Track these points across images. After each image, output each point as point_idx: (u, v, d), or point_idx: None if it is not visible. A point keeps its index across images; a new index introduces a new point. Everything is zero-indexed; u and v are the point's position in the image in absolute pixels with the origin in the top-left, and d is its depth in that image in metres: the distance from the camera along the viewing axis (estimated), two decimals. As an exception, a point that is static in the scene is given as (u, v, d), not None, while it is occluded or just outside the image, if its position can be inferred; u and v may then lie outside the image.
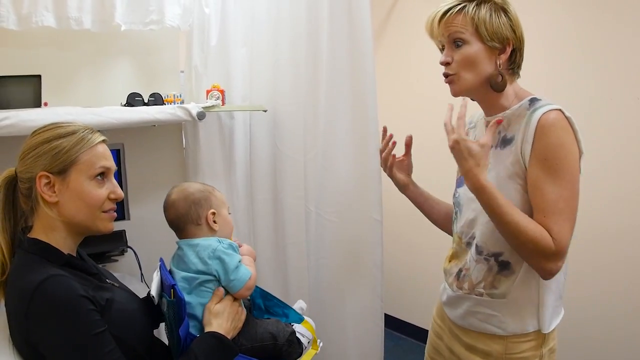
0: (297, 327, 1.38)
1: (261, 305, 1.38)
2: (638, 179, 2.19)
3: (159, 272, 1.32)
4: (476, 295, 1.29)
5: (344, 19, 2.17)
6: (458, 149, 1.19)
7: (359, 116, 2.21)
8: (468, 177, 1.19)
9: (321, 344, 1.42)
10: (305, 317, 1.42)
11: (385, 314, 2.40)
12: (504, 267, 1.25)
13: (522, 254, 1.20)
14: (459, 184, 1.40)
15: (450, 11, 1.23)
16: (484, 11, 1.21)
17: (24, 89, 1.87)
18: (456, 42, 1.23)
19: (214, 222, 1.34)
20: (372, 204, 2.21)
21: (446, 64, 1.26)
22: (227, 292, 1.28)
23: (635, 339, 2.24)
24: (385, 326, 2.36)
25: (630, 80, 2.18)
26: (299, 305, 1.46)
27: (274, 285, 2.23)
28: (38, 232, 1.13)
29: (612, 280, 2.29)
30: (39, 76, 1.90)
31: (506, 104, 1.26)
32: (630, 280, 2.24)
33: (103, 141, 1.18)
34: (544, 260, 1.15)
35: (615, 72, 2.22)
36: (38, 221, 1.13)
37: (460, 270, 1.35)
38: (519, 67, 1.27)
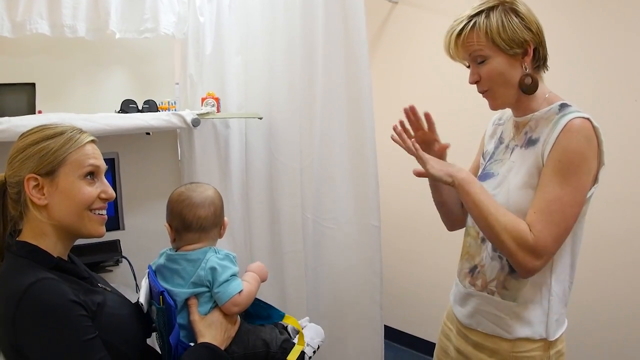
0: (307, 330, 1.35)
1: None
2: (637, 182, 2.18)
3: (147, 279, 1.29)
4: (488, 293, 1.29)
5: (340, 27, 2.17)
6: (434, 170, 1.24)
7: (354, 122, 2.20)
8: (453, 178, 1.24)
9: (308, 340, 1.37)
10: (301, 321, 1.39)
11: (385, 326, 2.36)
12: (514, 268, 1.24)
13: (500, 246, 1.20)
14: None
15: (463, 31, 1.23)
16: (494, 20, 1.20)
17: (18, 97, 1.86)
18: (477, 60, 1.24)
19: None
20: (370, 210, 2.19)
21: (475, 82, 1.27)
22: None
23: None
24: (385, 338, 2.33)
25: (628, 82, 2.17)
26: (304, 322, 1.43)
27: (271, 294, 2.20)
28: (27, 237, 1.10)
29: (614, 284, 2.27)
30: (33, 84, 1.90)
31: (535, 107, 1.26)
32: (631, 284, 2.22)
33: (92, 141, 1.16)
34: (521, 252, 1.15)
35: (613, 74, 2.21)
36: (27, 225, 1.11)
37: (475, 267, 1.34)
38: (544, 60, 1.27)
